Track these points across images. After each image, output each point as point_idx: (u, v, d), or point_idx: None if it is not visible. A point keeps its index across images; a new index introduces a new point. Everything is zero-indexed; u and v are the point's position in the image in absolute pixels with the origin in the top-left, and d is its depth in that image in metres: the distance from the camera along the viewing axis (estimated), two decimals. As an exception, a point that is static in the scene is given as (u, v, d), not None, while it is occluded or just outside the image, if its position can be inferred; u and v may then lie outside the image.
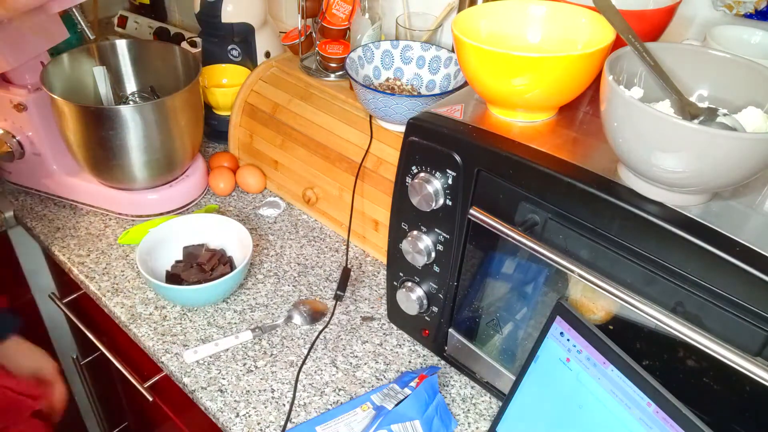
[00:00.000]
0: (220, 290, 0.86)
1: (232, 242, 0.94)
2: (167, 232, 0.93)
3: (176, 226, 0.94)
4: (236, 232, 0.93)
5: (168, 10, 1.55)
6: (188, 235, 0.94)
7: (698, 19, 0.82)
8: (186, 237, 0.94)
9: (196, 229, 0.95)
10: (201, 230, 0.95)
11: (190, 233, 0.94)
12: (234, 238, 0.93)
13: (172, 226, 0.93)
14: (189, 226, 0.94)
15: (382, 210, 0.92)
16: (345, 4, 0.99)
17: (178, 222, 0.94)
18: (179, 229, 0.94)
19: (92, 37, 0.99)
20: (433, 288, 0.75)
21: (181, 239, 0.94)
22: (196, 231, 0.95)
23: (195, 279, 0.88)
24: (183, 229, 0.94)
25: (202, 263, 0.89)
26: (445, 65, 0.94)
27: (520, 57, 0.56)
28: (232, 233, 0.93)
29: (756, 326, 0.48)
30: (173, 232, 0.93)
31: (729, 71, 0.54)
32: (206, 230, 0.95)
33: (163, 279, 0.90)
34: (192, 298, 0.86)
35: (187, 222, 0.94)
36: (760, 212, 0.52)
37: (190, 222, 0.94)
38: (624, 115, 0.49)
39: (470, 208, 0.63)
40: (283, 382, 0.78)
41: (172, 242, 0.93)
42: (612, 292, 0.53)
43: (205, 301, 0.88)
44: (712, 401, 0.54)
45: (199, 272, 0.89)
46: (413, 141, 0.66)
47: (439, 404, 0.74)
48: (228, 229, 0.94)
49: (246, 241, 0.90)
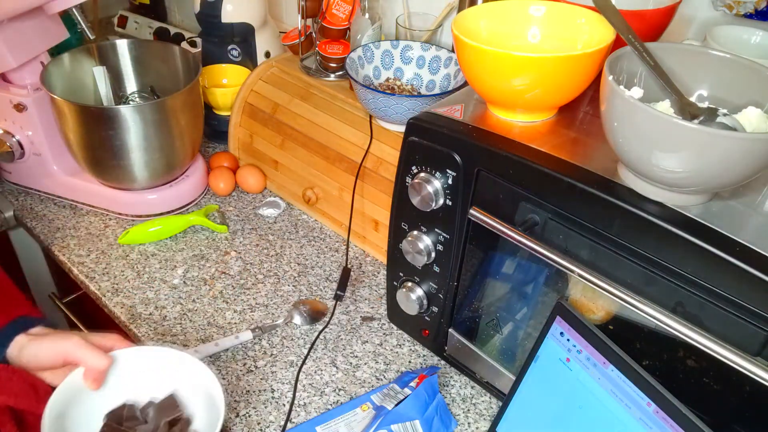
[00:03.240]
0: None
1: (192, 396, 0.65)
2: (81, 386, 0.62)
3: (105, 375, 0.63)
4: (198, 380, 0.64)
5: (168, 10, 1.55)
6: (120, 383, 0.64)
7: (698, 19, 0.82)
8: (116, 387, 0.64)
9: (134, 374, 0.65)
10: (141, 376, 0.65)
11: (122, 381, 0.65)
12: (193, 390, 0.65)
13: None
14: (123, 369, 0.64)
15: (382, 210, 0.92)
16: (345, 4, 0.99)
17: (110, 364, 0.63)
18: (110, 376, 0.64)
19: (92, 37, 0.99)
20: (433, 288, 0.75)
21: (108, 393, 0.64)
22: (132, 376, 0.65)
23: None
24: (117, 373, 0.64)
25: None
26: (445, 65, 0.94)
27: (520, 57, 0.56)
28: (192, 382, 0.65)
29: (756, 326, 0.48)
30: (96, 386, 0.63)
31: (729, 71, 0.54)
32: (149, 375, 0.65)
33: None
34: None
35: (124, 363, 0.64)
36: (760, 212, 0.52)
37: (125, 363, 0.64)
38: (624, 115, 0.49)
39: (470, 208, 0.63)
40: (283, 382, 0.78)
41: (94, 399, 0.63)
42: (612, 292, 0.53)
43: None
44: (712, 401, 0.54)
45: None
46: (413, 141, 0.67)
47: (439, 404, 0.74)
48: (184, 375, 0.65)
49: (215, 397, 0.62)
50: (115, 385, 0.64)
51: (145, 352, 0.66)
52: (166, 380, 0.66)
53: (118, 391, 0.65)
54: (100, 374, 0.63)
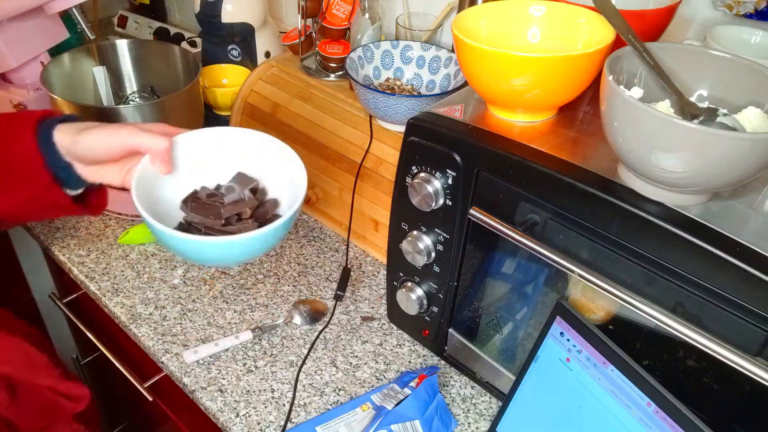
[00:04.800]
0: (268, 242, 0.63)
1: (268, 171, 0.68)
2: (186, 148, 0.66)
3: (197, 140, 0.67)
4: (265, 152, 0.67)
5: (168, 10, 1.56)
6: (184, 171, 0.67)
7: (698, 19, 0.82)
8: (183, 175, 0.67)
9: (196, 159, 0.68)
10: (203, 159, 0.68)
11: (186, 168, 0.67)
12: (270, 165, 0.68)
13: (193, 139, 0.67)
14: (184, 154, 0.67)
15: (382, 210, 0.92)
16: (345, 4, 0.99)
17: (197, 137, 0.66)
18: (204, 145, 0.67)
19: (92, 37, 0.99)
20: (433, 288, 0.75)
21: (176, 182, 0.67)
22: (195, 161, 0.68)
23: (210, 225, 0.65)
24: (179, 159, 0.66)
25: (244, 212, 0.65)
26: (445, 65, 0.94)
27: (520, 57, 0.56)
28: (271, 159, 0.67)
29: (756, 326, 0.48)
30: (189, 150, 0.67)
31: (729, 71, 0.54)
32: (211, 158, 0.68)
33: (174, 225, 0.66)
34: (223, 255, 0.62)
35: (183, 148, 0.67)
36: (760, 212, 0.52)
37: (185, 148, 0.67)
38: (624, 115, 0.49)
39: (470, 208, 0.63)
40: (283, 382, 0.78)
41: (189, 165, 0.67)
42: (612, 292, 0.53)
43: (235, 259, 0.67)
44: (712, 401, 0.54)
45: (213, 219, 0.65)
46: (413, 141, 0.66)
47: (439, 404, 0.74)
48: (264, 153, 0.67)
49: (297, 172, 0.65)
50: (182, 171, 0.66)
51: (202, 133, 0.67)
52: (229, 160, 0.68)
53: (184, 179, 0.67)
54: (165, 156, 0.62)
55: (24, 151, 0.60)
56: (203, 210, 0.65)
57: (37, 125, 0.61)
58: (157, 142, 0.61)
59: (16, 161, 0.61)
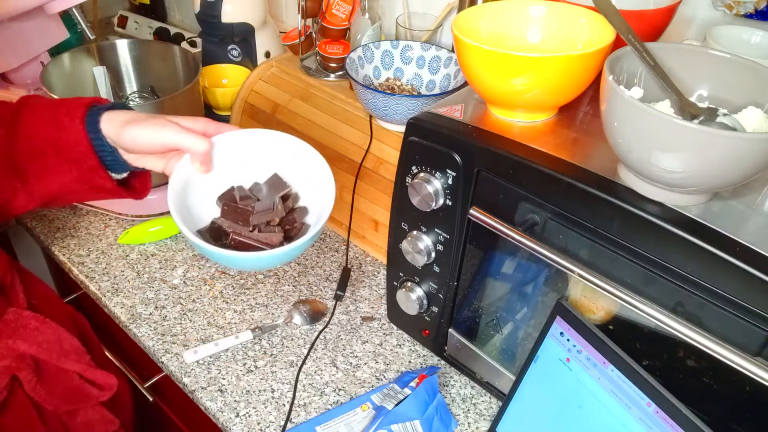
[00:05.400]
0: (290, 255, 0.65)
1: (293, 174, 0.69)
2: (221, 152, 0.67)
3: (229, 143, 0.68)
4: (299, 157, 0.68)
5: (168, 10, 1.56)
6: (224, 168, 0.69)
7: (698, 19, 0.82)
8: (222, 172, 0.69)
9: (235, 158, 0.69)
10: (242, 159, 0.69)
11: (226, 166, 0.69)
12: (303, 172, 0.69)
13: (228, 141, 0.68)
14: (225, 153, 0.68)
15: (382, 210, 0.92)
16: (345, 4, 0.99)
17: (232, 139, 0.67)
18: (234, 149, 0.68)
19: (92, 37, 0.99)
20: (433, 288, 0.75)
21: (215, 178, 0.68)
22: (234, 160, 0.69)
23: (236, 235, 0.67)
24: (219, 158, 0.68)
25: (283, 221, 0.67)
26: (445, 65, 0.94)
27: (520, 57, 0.56)
28: (292, 161, 0.69)
29: (756, 326, 0.48)
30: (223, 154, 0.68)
31: (729, 71, 0.54)
32: (249, 158, 0.70)
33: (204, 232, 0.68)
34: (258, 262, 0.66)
35: (223, 147, 0.67)
36: (760, 212, 0.52)
37: (225, 147, 0.67)
38: (624, 115, 0.49)
39: (470, 208, 0.63)
40: (283, 382, 0.78)
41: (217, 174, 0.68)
42: (612, 292, 0.53)
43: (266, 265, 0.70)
44: (712, 401, 0.54)
45: (242, 224, 0.67)
46: (413, 141, 0.66)
47: (439, 404, 0.74)
48: (283, 155, 0.69)
49: (326, 179, 0.66)
50: (219, 170, 0.68)
51: (243, 134, 0.68)
52: (266, 162, 0.70)
53: (224, 175, 0.69)
54: (205, 157, 0.65)
55: (73, 134, 0.63)
56: (234, 215, 0.68)
57: (86, 111, 0.64)
58: (198, 144, 0.63)
59: (65, 144, 0.63)
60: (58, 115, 0.64)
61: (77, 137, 0.63)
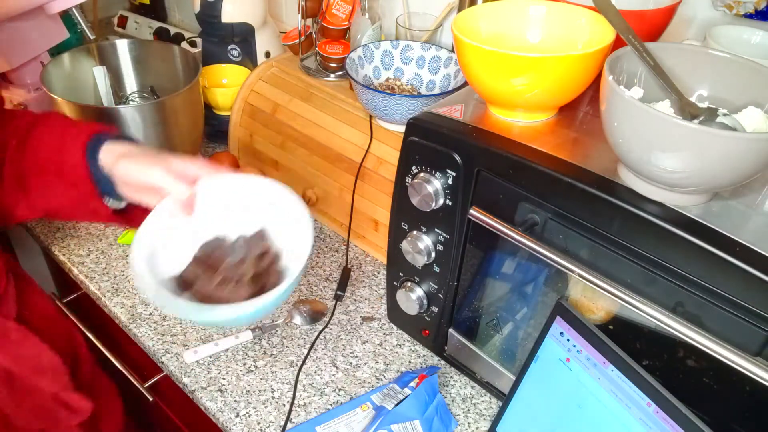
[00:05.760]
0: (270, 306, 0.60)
1: (280, 231, 0.65)
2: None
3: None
4: (287, 211, 0.64)
5: (168, 10, 1.56)
6: (211, 216, 0.66)
7: (698, 19, 0.82)
8: (208, 220, 0.66)
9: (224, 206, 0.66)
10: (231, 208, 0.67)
11: (214, 213, 0.66)
12: (281, 224, 0.65)
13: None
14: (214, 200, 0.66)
15: (382, 210, 0.92)
16: (345, 4, 0.99)
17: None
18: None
19: (92, 37, 0.99)
20: (433, 288, 0.75)
21: (200, 225, 0.66)
22: (222, 208, 0.66)
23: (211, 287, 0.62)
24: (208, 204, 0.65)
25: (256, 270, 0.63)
26: (445, 65, 0.94)
27: (520, 57, 0.56)
28: (280, 215, 0.65)
29: (756, 326, 0.48)
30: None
31: (729, 71, 0.54)
32: (239, 208, 0.66)
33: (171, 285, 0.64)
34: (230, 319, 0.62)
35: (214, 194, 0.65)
36: (760, 212, 0.52)
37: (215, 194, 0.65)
38: (624, 115, 0.49)
39: (470, 208, 0.63)
40: (283, 382, 0.78)
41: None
42: (612, 292, 0.53)
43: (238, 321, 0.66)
44: (712, 401, 0.54)
45: (211, 277, 0.62)
46: (413, 141, 0.66)
47: (439, 404, 0.74)
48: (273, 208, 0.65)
49: (303, 227, 0.62)
50: (206, 217, 0.66)
51: (233, 180, 0.66)
52: (256, 214, 0.66)
53: (209, 224, 0.66)
54: (185, 203, 0.64)
55: (73, 159, 0.65)
56: (202, 266, 0.64)
57: (90, 138, 0.65)
58: (179, 191, 0.63)
59: (65, 167, 0.65)
60: (65, 137, 0.66)
61: (76, 162, 0.64)
